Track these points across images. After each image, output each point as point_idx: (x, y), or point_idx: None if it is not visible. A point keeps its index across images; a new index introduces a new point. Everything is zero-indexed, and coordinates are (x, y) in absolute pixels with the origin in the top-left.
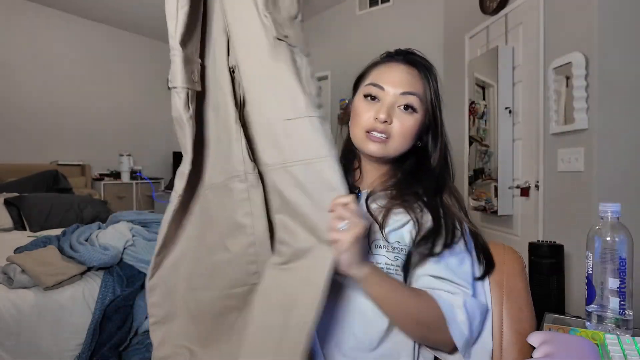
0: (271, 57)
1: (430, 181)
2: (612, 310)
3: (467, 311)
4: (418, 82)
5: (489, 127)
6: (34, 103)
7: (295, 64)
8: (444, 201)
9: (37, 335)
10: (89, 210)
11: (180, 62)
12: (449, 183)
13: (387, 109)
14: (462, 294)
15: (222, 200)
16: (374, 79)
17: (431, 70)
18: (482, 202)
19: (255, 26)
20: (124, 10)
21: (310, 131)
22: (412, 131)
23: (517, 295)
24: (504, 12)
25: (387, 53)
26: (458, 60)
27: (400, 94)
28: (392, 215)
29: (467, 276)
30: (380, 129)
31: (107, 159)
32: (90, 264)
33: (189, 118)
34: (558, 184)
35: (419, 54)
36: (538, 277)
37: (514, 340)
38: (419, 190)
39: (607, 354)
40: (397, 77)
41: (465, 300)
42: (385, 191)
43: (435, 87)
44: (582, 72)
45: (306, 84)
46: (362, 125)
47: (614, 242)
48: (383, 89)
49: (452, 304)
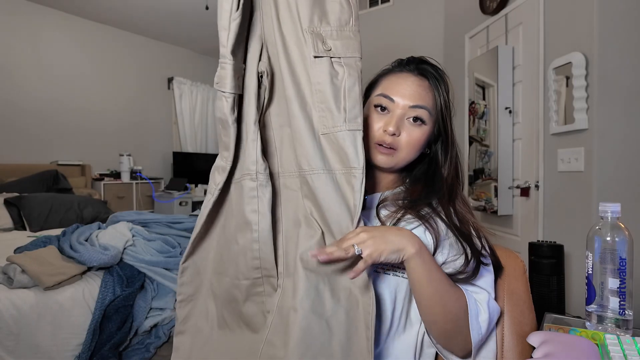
0: (308, 73)
1: (443, 190)
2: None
3: (490, 310)
4: (428, 94)
5: (489, 127)
6: (34, 103)
7: (334, 79)
8: (457, 209)
9: (37, 335)
10: (89, 210)
11: (230, 70)
12: (459, 191)
13: (396, 121)
14: (486, 293)
15: (238, 195)
16: (384, 89)
17: (442, 79)
18: (482, 202)
19: (295, 41)
20: (124, 10)
21: (340, 143)
22: (419, 143)
23: (518, 298)
24: (504, 12)
25: (399, 61)
26: (458, 60)
27: (410, 107)
28: (402, 221)
29: (489, 280)
30: (388, 141)
31: (107, 159)
32: (90, 264)
33: (233, 121)
34: (558, 184)
35: (431, 61)
36: (538, 277)
37: (514, 343)
38: (431, 199)
39: (607, 354)
40: (407, 89)
41: (489, 299)
42: (396, 200)
43: (446, 96)
44: (582, 72)
45: (343, 99)
46: (372, 136)
47: (614, 242)
48: (393, 100)
49: (477, 300)
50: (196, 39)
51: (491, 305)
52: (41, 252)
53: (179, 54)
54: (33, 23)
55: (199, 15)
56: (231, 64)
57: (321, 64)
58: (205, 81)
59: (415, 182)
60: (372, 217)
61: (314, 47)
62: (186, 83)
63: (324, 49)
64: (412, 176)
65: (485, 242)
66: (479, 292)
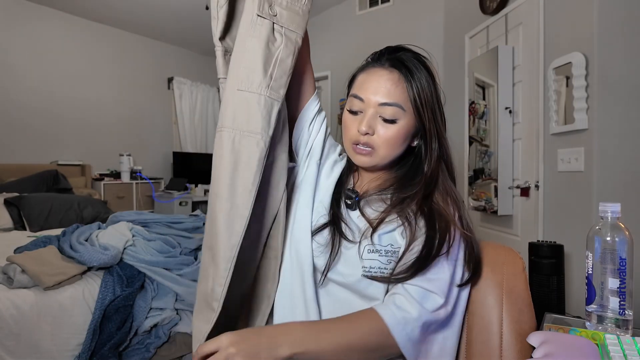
0: (247, 32)
1: (421, 185)
2: (612, 311)
3: (419, 307)
4: (398, 89)
5: (489, 127)
6: (34, 103)
7: (270, 43)
8: (434, 205)
9: (37, 335)
10: (89, 210)
11: (221, 56)
12: (445, 185)
13: (367, 120)
14: (418, 288)
15: None
16: (356, 89)
17: (416, 70)
18: (482, 202)
19: (249, 4)
20: (124, 10)
21: (254, 108)
22: (396, 139)
23: (517, 296)
24: (504, 12)
25: (373, 54)
26: (458, 60)
27: (379, 104)
28: (383, 223)
29: (442, 284)
30: (363, 141)
31: (107, 159)
32: (90, 264)
33: None
34: (558, 184)
35: (408, 48)
36: (538, 277)
37: (513, 342)
38: (411, 194)
39: (607, 354)
40: (376, 86)
41: (423, 295)
42: (380, 195)
43: (421, 87)
44: (582, 72)
45: (272, 65)
46: (349, 138)
47: (614, 242)
48: (363, 100)
49: (399, 304)
50: (196, 39)
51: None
52: (41, 252)
53: (179, 54)
54: (33, 23)
55: (199, 15)
56: (221, 50)
57: (262, 26)
58: (205, 81)
59: (400, 178)
60: (357, 217)
61: (260, 6)
62: (186, 83)
63: (269, 12)
64: (397, 173)
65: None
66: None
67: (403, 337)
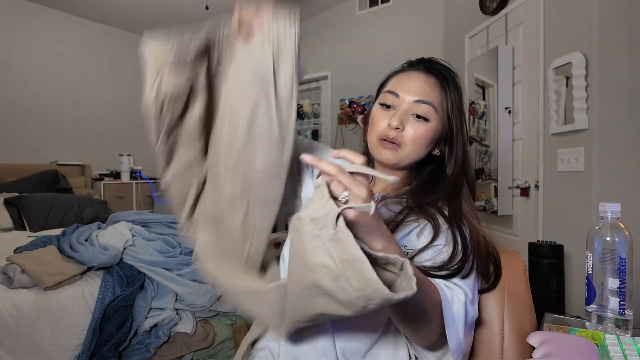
0: None
1: (444, 190)
2: (612, 310)
3: (467, 305)
4: (434, 91)
5: (489, 127)
6: (34, 103)
7: None
8: (458, 209)
9: (37, 335)
10: (89, 210)
11: None
12: (465, 193)
13: (400, 115)
14: (463, 291)
15: None
16: (391, 87)
17: (451, 80)
18: (482, 202)
19: None
20: (124, 10)
21: None
22: (424, 139)
23: (518, 298)
24: (504, 12)
25: (409, 62)
26: (458, 60)
27: (414, 101)
28: (401, 224)
29: (470, 282)
30: (391, 135)
31: (107, 159)
32: (90, 264)
33: None
34: (558, 184)
35: (442, 62)
36: (538, 278)
37: (514, 343)
38: (433, 199)
39: (607, 354)
40: (413, 85)
41: (466, 295)
42: (398, 198)
43: (454, 97)
44: (582, 72)
45: None
46: (377, 132)
47: (613, 242)
48: (398, 96)
49: (451, 294)
50: None
51: (469, 303)
52: (41, 252)
53: None
54: (33, 23)
55: (199, 15)
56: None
57: None
58: None
59: (422, 183)
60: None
61: None
62: None
63: None
64: (419, 178)
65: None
66: (456, 289)
67: (449, 318)
